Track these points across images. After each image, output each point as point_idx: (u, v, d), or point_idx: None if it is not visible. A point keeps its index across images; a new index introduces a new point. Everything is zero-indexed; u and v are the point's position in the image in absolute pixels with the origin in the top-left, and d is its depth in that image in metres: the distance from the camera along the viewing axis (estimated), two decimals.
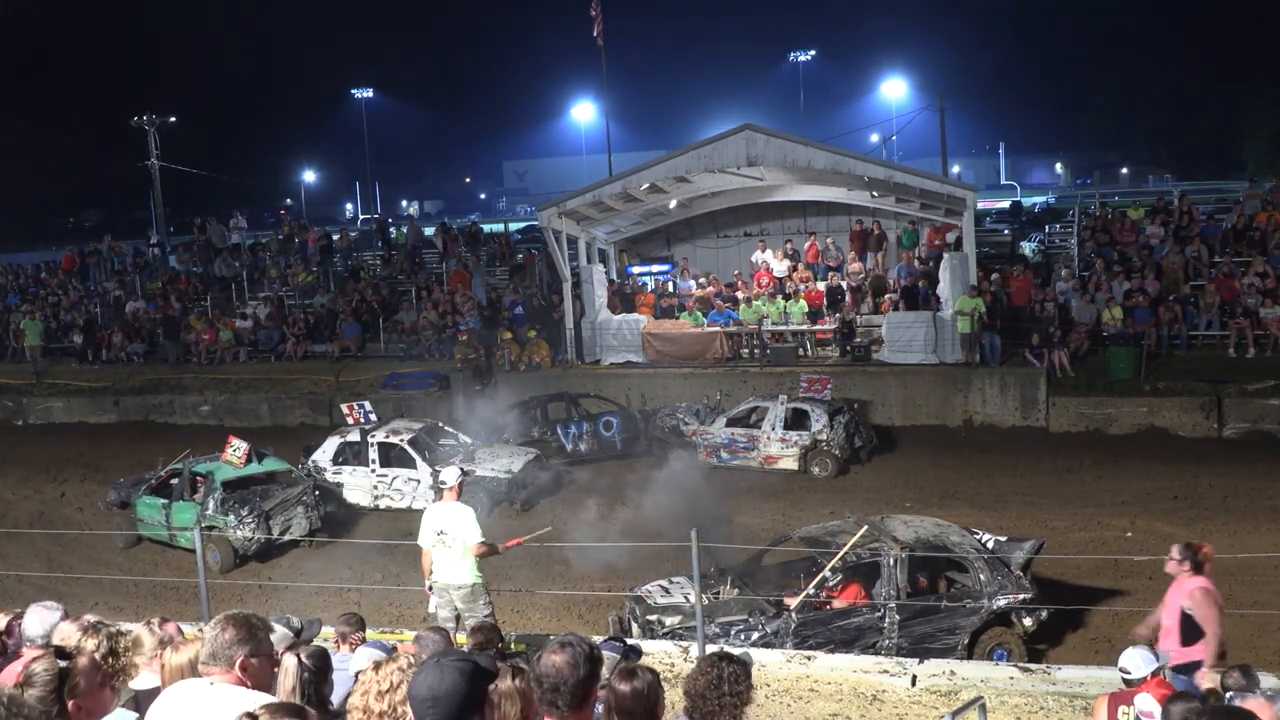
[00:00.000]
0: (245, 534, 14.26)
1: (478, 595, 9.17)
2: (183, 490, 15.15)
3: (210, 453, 16.08)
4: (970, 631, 9.89)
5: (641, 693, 3.40)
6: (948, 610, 9.96)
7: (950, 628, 9.89)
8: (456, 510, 9.11)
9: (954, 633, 9.88)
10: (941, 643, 9.82)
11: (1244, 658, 9.31)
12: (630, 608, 10.65)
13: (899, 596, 9.86)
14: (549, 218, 22.06)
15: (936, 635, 9.86)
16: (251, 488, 15.22)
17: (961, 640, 9.85)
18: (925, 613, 9.93)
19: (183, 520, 14.55)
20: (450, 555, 9.10)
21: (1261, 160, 55.47)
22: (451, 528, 9.06)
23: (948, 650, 9.73)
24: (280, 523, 14.68)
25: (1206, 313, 20.67)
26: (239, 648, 3.61)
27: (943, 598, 10.24)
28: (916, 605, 9.95)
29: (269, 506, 14.68)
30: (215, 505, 14.60)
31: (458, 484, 9.31)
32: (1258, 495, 14.89)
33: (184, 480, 15.27)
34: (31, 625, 4.87)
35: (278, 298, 27.74)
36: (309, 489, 15.39)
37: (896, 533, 10.44)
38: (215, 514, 14.50)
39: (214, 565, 13.59)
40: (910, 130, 49.48)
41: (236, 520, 14.40)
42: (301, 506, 15.02)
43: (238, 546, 14.40)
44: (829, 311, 22.32)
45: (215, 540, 13.97)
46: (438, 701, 2.78)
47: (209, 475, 15.05)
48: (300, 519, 14.96)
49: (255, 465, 15.41)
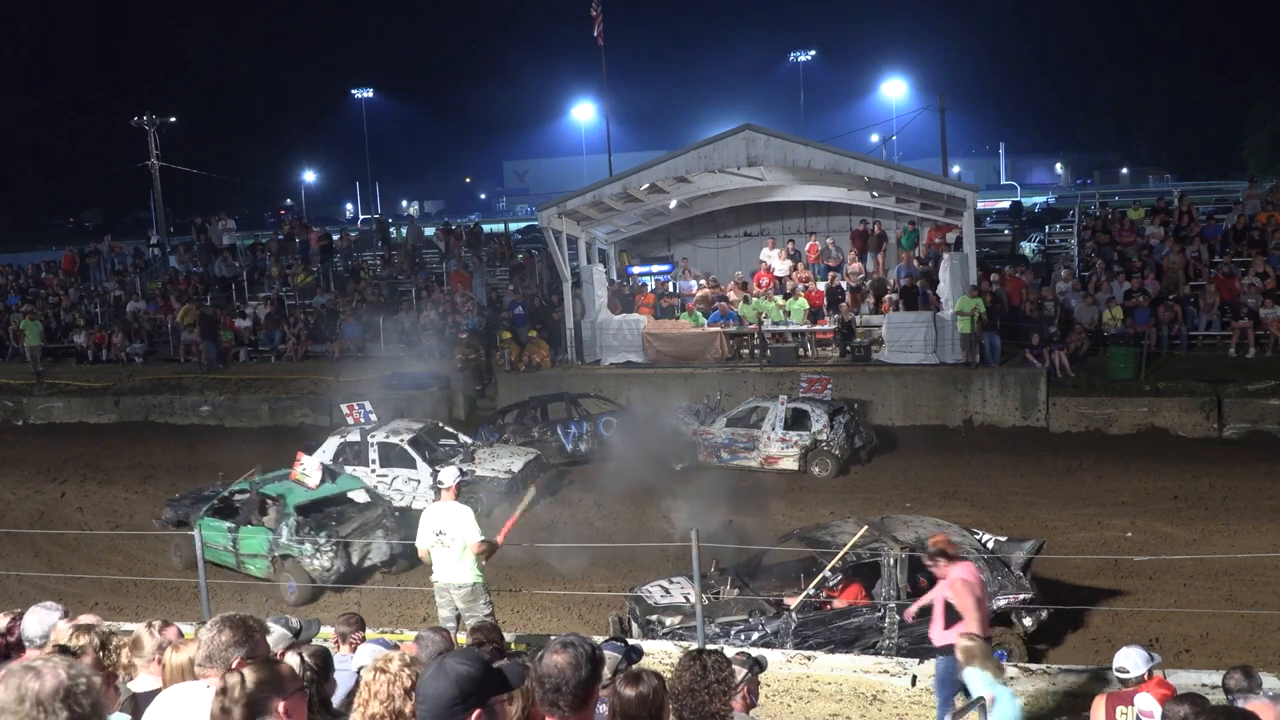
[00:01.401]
0: (324, 563, 13.07)
1: (478, 595, 9.18)
2: (250, 513, 13.77)
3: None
4: None
5: (647, 698, 3.40)
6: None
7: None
8: (455, 510, 9.14)
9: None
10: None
11: (1244, 658, 9.32)
12: (630, 608, 10.66)
13: (899, 596, 9.85)
14: (549, 218, 22.06)
15: None
16: (326, 510, 13.88)
17: None
18: (924, 613, 9.91)
19: (252, 547, 13.49)
20: (449, 555, 9.13)
21: (1261, 160, 55.54)
22: (450, 527, 9.09)
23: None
24: (359, 549, 13.36)
25: (1206, 313, 20.67)
26: (235, 649, 3.61)
27: None
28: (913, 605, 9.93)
29: (347, 531, 13.34)
30: (289, 532, 13.18)
31: (455, 485, 9.34)
32: (1258, 495, 14.88)
33: (251, 502, 13.87)
34: (31, 625, 4.88)
35: (278, 298, 27.75)
36: (388, 511, 14.22)
37: (896, 533, 10.43)
38: (290, 542, 13.15)
39: (291, 597, 12.87)
40: (910, 130, 49.55)
41: (314, 549, 13.05)
42: (381, 530, 13.65)
43: (316, 577, 13.06)
44: (829, 311, 22.32)
45: (291, 570, 13.07)
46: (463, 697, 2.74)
47: (280, 498, 13.68)
48: (380, 543, 13.52)
49: (329, 485, 14.07)
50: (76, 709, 2.39)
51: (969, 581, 7.52)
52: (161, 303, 28.47)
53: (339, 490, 14.27)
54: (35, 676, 2.39)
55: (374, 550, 13.47)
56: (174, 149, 40.67)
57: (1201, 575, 11.99)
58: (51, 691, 2.38)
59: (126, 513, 17.07)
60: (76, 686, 2.41)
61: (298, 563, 13.10)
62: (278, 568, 13.27)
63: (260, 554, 13.40)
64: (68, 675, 2.42)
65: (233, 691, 2.95)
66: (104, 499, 17.88)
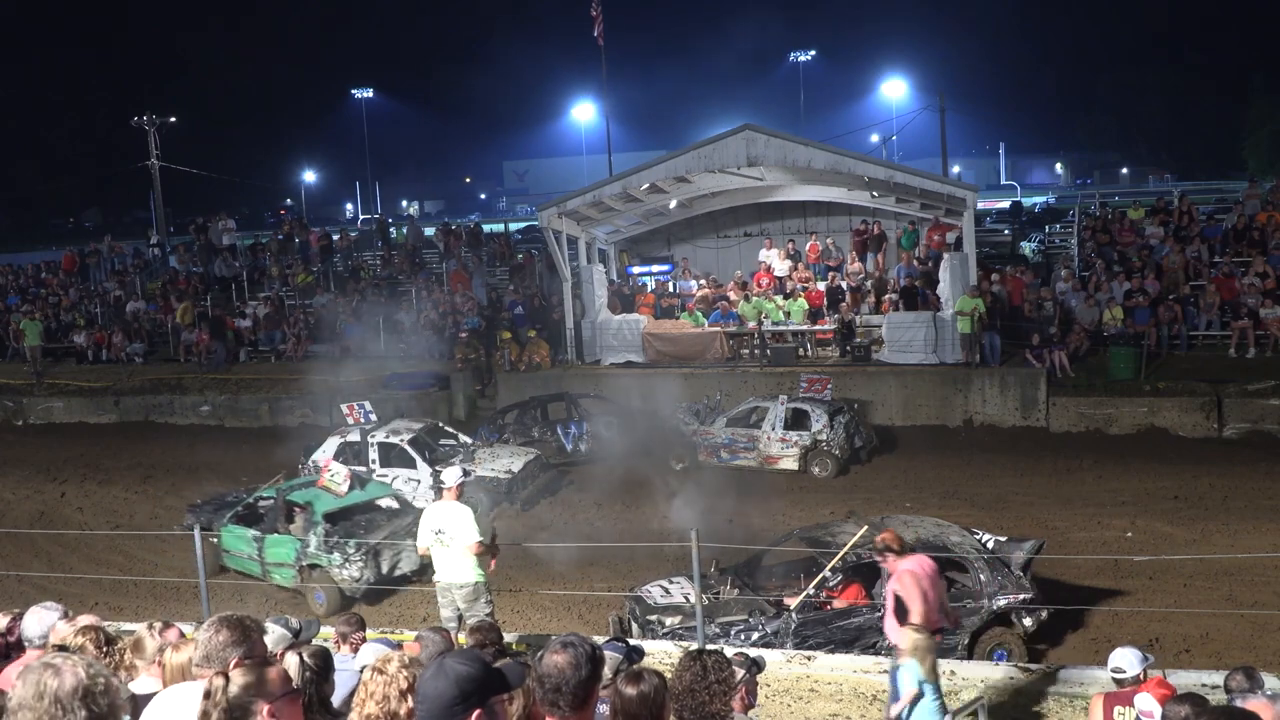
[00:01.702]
0: (353, 573, 12.68)
1: (479, 594, 9.20)
2: (276, 521, 13.38)
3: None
4: (971, 631, 9.89)
5: (648, 696, 3.40)
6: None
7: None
8: (455, 510, 9.18)
9: (954, 633, 9.88)
10: (942, 643, 9.81)
11: (1244, 658, 9.34)
12: (630, 608, 10.66)
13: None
14: (549, 218, 22.06)
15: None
16: (355, 518, 13.49)
17: (962, 640, 9.85)
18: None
19: (279, 556, 13.15)
20: (449, 554, 9.18)
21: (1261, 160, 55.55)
22: (450, 527, 9.14)
23: (949, 650, 9.73)
24: (389, 558, 12.92)
25: (1206, 313, 20.66)
26: (233, 650, 3.60)
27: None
28: None
29: (376, 540, 12.90)
30: (318, 541, 12.83)
31: (457, 485, 9.36)
32: (1258, 495, 14.88)
33: (277, 509, 13.49)
34: (31, 625, 4.88)
35: (278, 298, 27.75)
36: (419, 518, 13.27)
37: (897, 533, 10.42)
38: (318, 551, 12.78)
39: (319, 608, 12.58)
40: (910, 130, 49.55)
41: (343, 558, 12.66)
42: (411, 539, 12.21)
43: (345, 588, 12.74)
44: (829, 311, 22.32)
45: (319, 580, 12.78)
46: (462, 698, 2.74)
47: (308, 505, 13.35)
48: (411, 553, 12.55)
49: (358, 493, 13.71)
50: (95, 709, 2.40)
51: (916, 574, 7.53)
52: (161, 303, 28.47)
53: (368, 498, 13.92)
54: (55, 674, 2.40)
55: (404, 560, 12.91)
56: (174, 149, 40.70)
57: (1201, 575, 11.99)
58: (71, 690, 2.39)
59: (126, 513, 17.08)
60: (95, 686, 2.42)
61: (326, 572, 12.80)
62: (305, 577, 13.00)
63: (287, 563, 13.10)
64: (87, 675, 2.43)
65: (215, 694, 2.94)
66: (104, 499, 17.88)
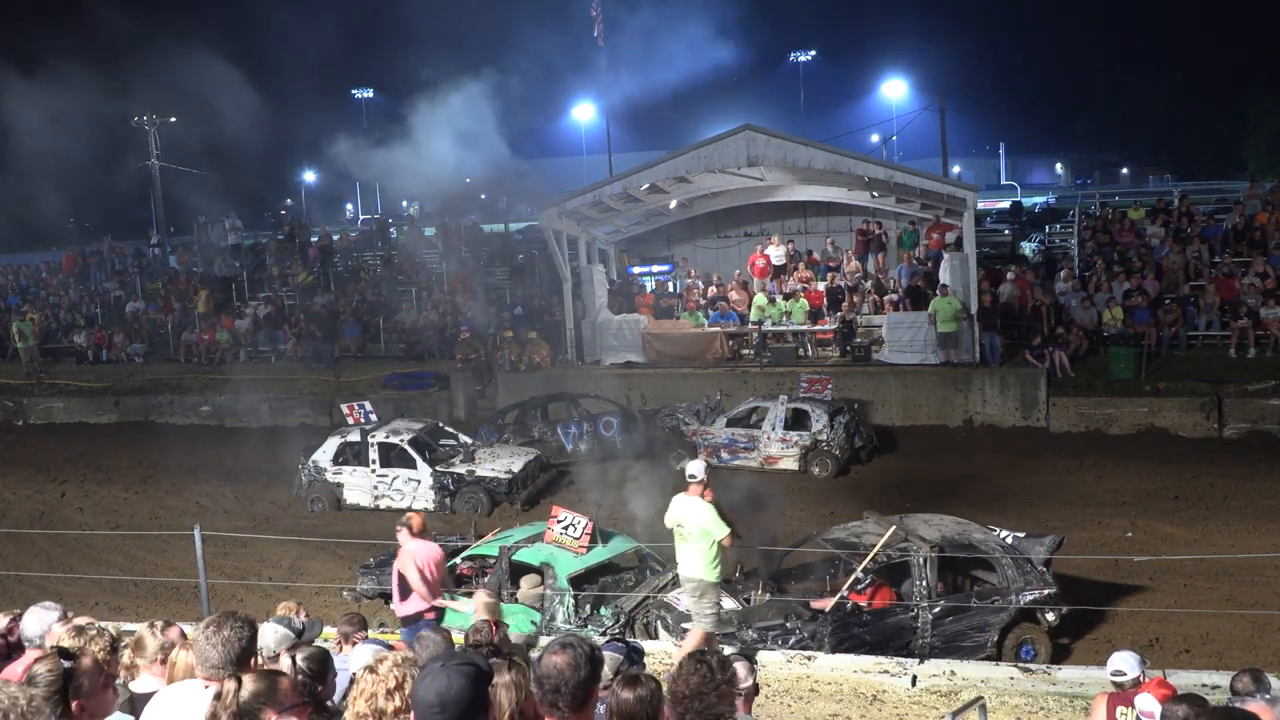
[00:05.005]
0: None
1: (704, 592, 8.77)
2: (500, 586, 10.84)
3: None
4: (999, 628, 9.93)
5: (645, 700, 3.41)
6: (978, 608, 9.98)
7: (980, 625, 9.91)
8: (695, 506, 8.68)
9: (984, 630, 9.90)
10: (972, 640, 9.84)
11: (1244, 658, 9.35)
12: (660, 614, 10.50)
13: (930, 596, 9.86)
14: (549, 218, 22.06)
15: (967, 633, 9.88)
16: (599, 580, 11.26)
17: (991, 637, 9.88)
18: (954, 611, 9.93)
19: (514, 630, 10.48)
20: (685, 548, 8.78)
21: (1261, 160, 55.47)
22: (689, 521, 8.68)
23: (978, 648, 9.78)
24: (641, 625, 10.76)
25: (1206, 313, 20.65)
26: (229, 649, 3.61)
27: (970, 596, 10.27)
28: (949, 604, 9.96)
29: (631, 607, 10.76)
30: (566, 613, 10.58)
31: (705, 478, 8.75)
32: (1258, 495, 14.88)
33: (501, 573, 11.08)
34: (31, 625, 4.88)
35: (278, 298, 27.74)
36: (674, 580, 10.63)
37: (920, 532, 10.44)
38: (568, 624, 10.49)
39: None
40: (910, 130, 49.39)
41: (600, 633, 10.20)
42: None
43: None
44: (829, 311, 22.32)
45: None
46: (446, 707, 2.76)
47: (546, 568, 10.95)
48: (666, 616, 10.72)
49: (600, 549, 11.31)
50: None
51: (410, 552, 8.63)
52: (161, 303, 28.48)
53: (609, 555, 11.52)
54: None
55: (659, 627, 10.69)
56: (174, 149, 40.67)
57: (1201, 575, 11.99)
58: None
59: (126, 513, 17.08)
60: (15, 708, 2.42)
61: None
62: None
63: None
64: (7, 698, 2.42)
65: (226, 697, 2.94)
66: (104, 499, 17.88)
